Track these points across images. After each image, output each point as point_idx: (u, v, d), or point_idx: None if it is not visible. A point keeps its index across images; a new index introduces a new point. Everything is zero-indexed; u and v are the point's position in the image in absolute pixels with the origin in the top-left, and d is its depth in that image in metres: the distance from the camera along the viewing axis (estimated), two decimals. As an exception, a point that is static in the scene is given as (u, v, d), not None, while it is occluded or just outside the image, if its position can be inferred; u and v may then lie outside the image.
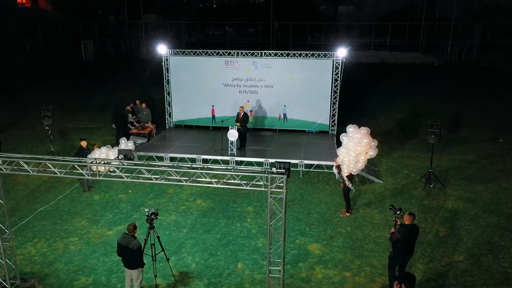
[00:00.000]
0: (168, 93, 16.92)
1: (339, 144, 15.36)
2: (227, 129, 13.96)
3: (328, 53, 15.59)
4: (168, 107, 17.10)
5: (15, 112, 21.16)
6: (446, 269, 8.70)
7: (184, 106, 16.87)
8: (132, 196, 12.03)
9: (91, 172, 6.91)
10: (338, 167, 10.82)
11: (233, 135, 13.73)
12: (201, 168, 6.70)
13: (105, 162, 6.94)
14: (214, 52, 16.25)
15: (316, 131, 16.43)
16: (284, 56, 15.85)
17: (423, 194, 12.23)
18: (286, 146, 14.87)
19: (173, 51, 16.43)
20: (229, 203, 11.63)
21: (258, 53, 15.96)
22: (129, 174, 6.81)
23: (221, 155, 13.97)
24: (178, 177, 6.75)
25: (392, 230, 7.88)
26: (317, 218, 10.87)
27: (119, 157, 6.96)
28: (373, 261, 9.00)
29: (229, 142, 13.87)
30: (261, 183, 6.67)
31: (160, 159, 14.11)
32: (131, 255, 7.31)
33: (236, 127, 13.83)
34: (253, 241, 9.82)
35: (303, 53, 15.78)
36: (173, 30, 51.59)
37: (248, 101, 16.33)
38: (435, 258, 9.07)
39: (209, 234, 10.12)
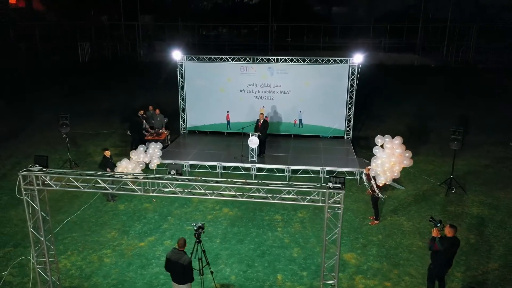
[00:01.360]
0: (183, 99, 16.83)
1: (356, 149, 15.58)
2: (246, 135, 13.97)
3: (344, 59, 15.67)
4: (182, 113, 17.01)
5: (19, 118, 20.87)
6: (484, 278, 8.83)
7: (198, 112, 16.81)
8: (157, 205, 11.95)
9: (144, 188, 6.85)
10: (368, 175, 10.88)
11: (254, 142, 13.72)
12: (257, 184, 6.67)
13: (158, 178, 6.88)
14: (230, 57, 16.21)
15: (330, 136, 16.51)
16: (300, 62, 15.88)
17: (446, 200, 12.38)
18: (304, 152, 14.91)
19: (188, 57, 16.34)
20: (256, 212, 11.63)
21: (273, 59, 15.97)
22: (182, 190, 6.78)
23: (242, 162, 13.95)
24: (234, 193, 6.72)
25: (434, 234, 7.77)
26: (347, 226, 10.93)
27: (171, 173, 6.92)
28: (410, 270, 9.08)
29: (250, 149, 13.85)
30: (317, 197, 6.66)
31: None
32: (181, 271, 7.26)
33: (257, 134, 13.81)
34: (287, 251, 9.84)
35: (319, 59, 15.84)
36: (171, 32, 51.36)
37: (264, 106, 16.33)
38: (471, 266, 9.19)
39: (242, 244, 10.11)
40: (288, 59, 15.96)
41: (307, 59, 15.93)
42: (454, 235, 7.73)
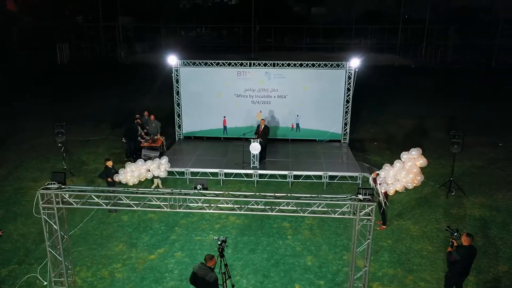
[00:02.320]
0: (178, 104, 16.58)
1: (354, 152, 15.68)
2: (247, 141, 13.87)
3: (341, 63, 15.76)
4: (178, 119, 16.76)
5: (3, 124, 20.11)
6: (497, 280, 9.02)
7: (194, 117, 16.60)
8: (162, 215, 11.70)
9: (170, 204, 6.68)
10: (375, 179, 10.94)
11: (255, 148, 13.63)
12: (286, 197, 6.59)
13: (185, 194, 6.71)
14: (226, 62, 16.06)
15: (326, 140, 16.59)
16: (297, 67, 15.88)
17: (447, 202, 12.60)
18: (304, 157, 14.92)
19: (184, 62, 16.10)
20: (264, 219, 11.54)
21: (270, 64, 15.92)
22: (208, 205, 6.65)
23: (243, 168, 13.84)
24: (263, 206, 6.63)
25: (449, 249, 7.93)
26: (355, 231, 10.96)
27: (197, 188, 6.77)
28: (425, 276, 9.19)
29: (251, 155, 13.76)
30: (348, 210, 6.65)
31: (181, 174, 13.83)
32: (206, 287, 7.11)
33: (258, 140, 13.72)
34: (301, 259, 9.81)
35: (316, 63, 15.88)
36: (151, 33, 50.62)
37: (261, 111, 16.28)
38: (482, 269, 9.37)
39: (254, 254, 10.02)
40: (285, 63, 15.94)
41: (304, 63, 15.95)
42: (470, 243, 7.80)
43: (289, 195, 6.68)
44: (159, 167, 11.83)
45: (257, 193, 6.59)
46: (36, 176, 14.37)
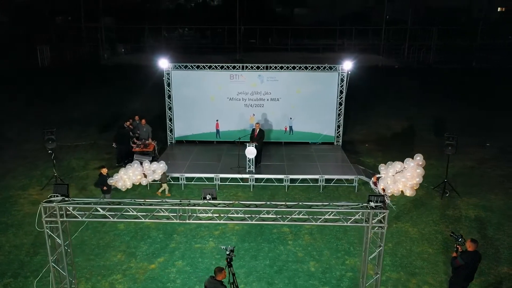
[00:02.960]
0: (169, 108, 16.34)
1: (346, 155, 15.73)
2: (241, 145, 13.78)
3: (334, 66, 15.80)
4: (170, 123, 16.52)
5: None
6: (498, 282, 9.14)
7: (186, 121, 16.39)
8: (159, 223, 11.47)
9: (179, 215, 6.52)
10: (375, 183, 11.00)
11: (251, 152, 13.52)
12: (298, 206, 6.52)
13: (194, 205, 6.56)
14: (219, 65, 15.91)
15: (319, 142, 16.60)
16: (290, 69, 15.84)
17: (442, 204, 12.75)
18: (299, 160, 14.89)
19: (175, 65, 15.88)
20: (263, 225, 11.42)
21: (263, 67, 15.84)
22: (218, 215, 6.52)
23: (239, 173, 13.72)
24: (274, 216, 6.54)
25: (454, 255, 7.96)
26: (355, 235, 10.98)
27: (207, 197, 6.63)
28: (428, 279, 9.26)
29: (247, 159, 13.65)
30: (360, 217, 6.61)
31: (176, 179, 13.62)
32: (216, 300, 6.98)
33: (254, 144, 13.62)
34: (304, 265, 9.75)
35: (309, 66, 15.88)
36: (133, 34, 49.91)
37: (254, 114, 16.18)
38: (483, 271, 9.48)
39: (257, 260, 9.92)
40: (278, 66, 15.88)
41: (297, 66, 15.92)
42: (475, 249, 7.83)
43: (300, 203, 6.60)
44: (154, 171, 11.69)
45: (268, 202, 6.50)
46: (24, 184, 13.94)
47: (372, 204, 6.53)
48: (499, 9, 65.74)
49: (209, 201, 6.55)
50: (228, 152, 15.43)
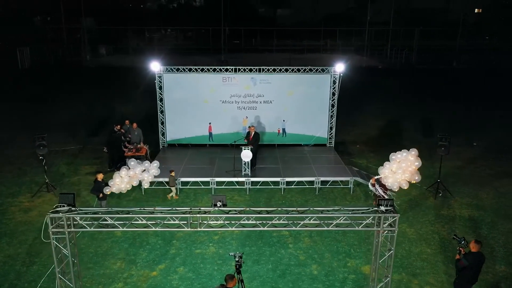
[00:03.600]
0: (161, 112, 16.16)
1: (340, 156, 15.84)
2: (237, 148, 13.74)
3: (326, 68, 15.90)
4: (161, 126, 16.34)
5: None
6: (496, 280, 9.33)
7: (178, 125, 16.24)
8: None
9: (190, 222, 6.45)
10: (374, 184, 11.10)
11: (247, 155, 13.47)
12: (309, 211, 6.52)
13: (205, 212, 6.50)
14: (211, 68, 15.81)
15: (312, 144, 16.67)
16: (283, 72, 15.86)
17: (437, 204, 12.96)
18: (293, 162, 14.92)
19: (167, 68, 15.71)
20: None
21: (256, 69, 15.81)
22: (230, 222, 6.47)
23: (235, 176, 13.66)
24: (286, 221, 6.53)
25: (457, 257, 8.04)
26: (354, 237, 11.06)
27: (217, 205, 6.58)
28: (429, 279, 9.39)
29: (243, 162, 13.60)
30: (371, 222, 6.65)
31: (171, 184, 13.46)
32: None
33: (250, 147, 13.58)
34: (306, 268, 9.77)
35: (301, 68, 15.94)
36: (114, 34, 49.22)
37: (247, 117, 16.15)
38: (482, 270, 9.63)
39: (259, 265, 9.89)
40: (271, 68, 15.88)
41: (290, 68, 15.96)
42: (479, 250, 7.94)
43: (311, 209, 6.60)
44: (148, 171, 11.48)
45: (279, 208, 6.48)
46: (14, 191, 13.57)
47: (382, 208, 6.57)
48: (476, 10, 67.40)
49: (220, 208, 6.49)
50: (222, 155, 15.35)
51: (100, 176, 11.29)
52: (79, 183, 14.19)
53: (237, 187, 13.63)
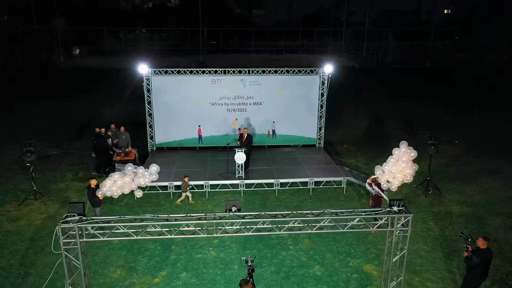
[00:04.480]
0: (150, 115, 15.89)
1: (331, 156, 16.00)
2: (229, 150, 13.67)
3: (315, 69, 16.02)
4: (150, 130, 16.07)
5: None
6: (491, 274, 9.60)
7: (167, 128, 16.00)
8: (154, 234, 11.11)
9: (205, 228, 6.36)
10: (371, 184, 11.24)
11: (241, 158, 13.42)
12: (324, 214, 6.54)
13: (220, 218, 6.42)
14: (200, 70, 15.66)
15: (300, 145, 16.77)
16: (272, 73, 15.88)
17: (428, 201, 13.26)
18: (286, 163, 14.95)
19: (155, 71, 15.45)
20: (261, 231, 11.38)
21: (245, 71, 15.76)
22: (245, 227, 6.41)
23: (228, 178, 13.59)
24: (302, 225, 6.53)
25: (465, 254, 8.17)
26: (353, 236, 11.18)
27: (232, 210, 6.51)
28: (429, 276, 9.59)
29: (236, 165, 13.53)
30: (384, 222, 6.73)
31: (164, 188, 13.27)
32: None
33: (243, 149, 13.53)
34: (309, 269, 9.80)
35: (291, 69, 16.00)
36: (87, 36, 48.05)
37: (237, 119, 16.08)
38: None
39: (262, 268, 9.85)
40: (260, 70, 15.87)
41: (279, 70, 15.99)
42: (487, 246, 8.11)
43: (326, 211, 6.63)
44: (146, 175, 11.21)
45: (294, 212, 6.48)
46: (-1, 199, 13.06)
47: (395, 208, 6.67)
48: (445, 11, 69.37)
49: (235, 213, 6.43)
50: (213, 158, 15.24)
51: (93, 183, 10.96)
52: (67, 189, 13.78)
53: (231, 189, 13.56)
